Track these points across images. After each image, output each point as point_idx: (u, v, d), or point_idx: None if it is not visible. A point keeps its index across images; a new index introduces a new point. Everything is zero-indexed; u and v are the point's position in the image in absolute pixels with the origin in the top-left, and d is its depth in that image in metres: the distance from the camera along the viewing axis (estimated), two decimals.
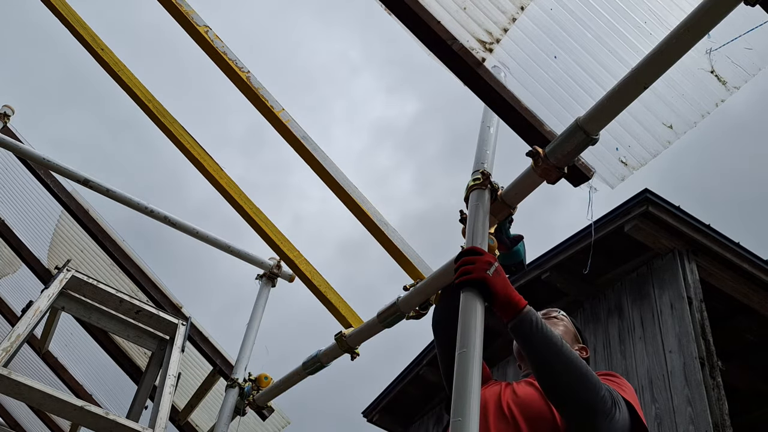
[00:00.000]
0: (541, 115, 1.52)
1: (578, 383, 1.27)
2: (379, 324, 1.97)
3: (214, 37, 2.25)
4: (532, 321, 1.29)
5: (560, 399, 1.29)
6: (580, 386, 1.27)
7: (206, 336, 3.50)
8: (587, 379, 1.27)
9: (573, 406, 1.28)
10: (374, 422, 7.35)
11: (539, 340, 1.28)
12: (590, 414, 1.26)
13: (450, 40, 1.52)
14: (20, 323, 2.43)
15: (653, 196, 4.67)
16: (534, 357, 1.29)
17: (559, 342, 1.29)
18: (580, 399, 1.26)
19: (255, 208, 2.65)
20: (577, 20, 1.50)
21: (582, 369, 1.28)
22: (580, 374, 1.27)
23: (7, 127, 3.59)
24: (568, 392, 1.27)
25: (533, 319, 1.29)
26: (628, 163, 1.51)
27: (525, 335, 1.29)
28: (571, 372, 1.27)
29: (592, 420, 1.26)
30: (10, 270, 4.69)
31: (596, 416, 1.26)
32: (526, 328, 1.28)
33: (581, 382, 1.27)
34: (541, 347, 1.28)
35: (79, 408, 2.13)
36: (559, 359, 1.27)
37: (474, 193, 1.50)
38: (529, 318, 1.29)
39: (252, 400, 2.67)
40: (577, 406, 1.27)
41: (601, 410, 1.27)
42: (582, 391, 1.27)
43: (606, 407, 1.27)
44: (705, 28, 1.18)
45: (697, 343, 4.34)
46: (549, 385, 1.29)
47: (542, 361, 1.28)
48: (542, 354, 1.28)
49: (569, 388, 1.27)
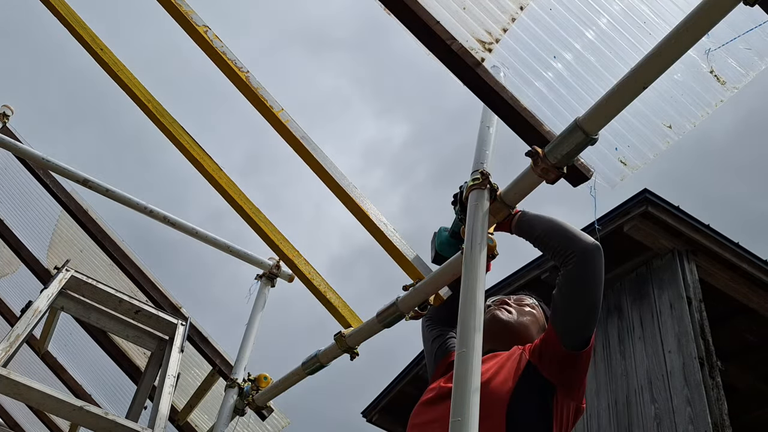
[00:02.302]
0: (540, 115, 1.52)
1: (577, 234, 1.49)
2: (378, 324, 1.97)
3: (213, 37, 2.25)
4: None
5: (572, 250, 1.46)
6: (579, 235, 1.48)
7: (205, 336, 3.50)
8: (578, 233, 1.50)
9: (578, 247, 1.45)
10: (373, 422, 7.35)
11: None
12: (596, 250, 1.45)
13: (449, 40, 1.52)
14: (19, 323, 2.43)
15: (652, 196, 4.67)
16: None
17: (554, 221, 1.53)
18: (586, 241, 1.46)
19: (254, 208, 2.65)
20: (577, 20, 1.50)
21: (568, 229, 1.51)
22: (573, 232, 1.50)
23: (7, 127, 3.59)
24: (575, 239, 1.47)
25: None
26: (627, 163, 1.51)
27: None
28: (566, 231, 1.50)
29: (600, 255, 1.45)
30: (9, 270, 4.69)
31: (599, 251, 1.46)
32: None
33: (578, 234, 1.49)
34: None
35: (78, 408, 2.13)
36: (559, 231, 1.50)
37: (473, 193, 1.50)
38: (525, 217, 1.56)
39: (251, 400, 2.67)
40: (582, 244, 1.45)
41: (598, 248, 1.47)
42: (582, 237, 1.48)
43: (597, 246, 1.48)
44: (704, 28, 1.18)
45: (697, 343, 4.34)
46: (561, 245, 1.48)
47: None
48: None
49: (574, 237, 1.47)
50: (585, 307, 1.43)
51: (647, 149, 1.50)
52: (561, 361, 1.44)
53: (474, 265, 1.35)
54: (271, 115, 2.16)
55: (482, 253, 1.38)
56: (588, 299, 1.43)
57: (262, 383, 2.69)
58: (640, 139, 1.49)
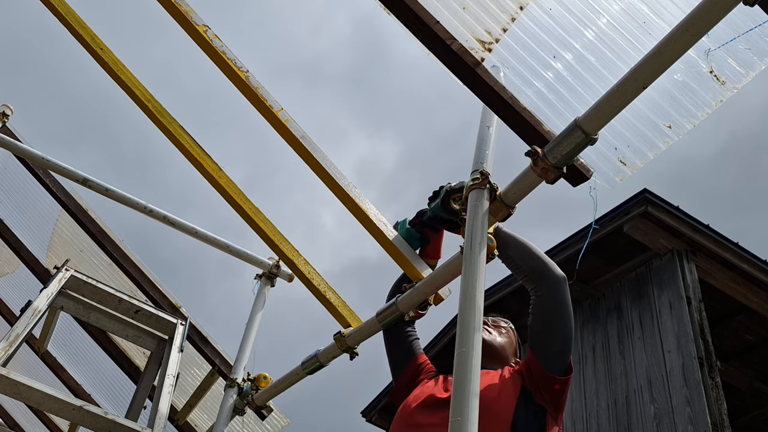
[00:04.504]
0: (539, 115, 1.52)
1: (549, 263, 1.57)
2: (378, 324, 1.96)
3: (213, 36, 2.25)
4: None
5: (542, 276, 1.54)
6: (551, 266, 1.56)
7: (205, 336, 3.50)
8: (549, 262, 1.57)
9: (550, 278, 1.54)
10: (373, 422, 7.36)
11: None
12: (564, 282, 1.53)
13: (449, 39, 1.52)
14: (19, 323, 2.43)
15: (652, 196, 4.67)
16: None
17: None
18: (556, 272, 1.54)
19: (254, 208, 2.65)
20: (577, 20, 1.50)
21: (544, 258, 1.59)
22: (546, 260, 1.58)
23: (6, 126, 3.59)
24: (546, 269, 1.55)
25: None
26: (627, 163, 1.51)
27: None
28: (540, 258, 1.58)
29: (567, 287, 1.53)
30: (8, 269, 4.69)
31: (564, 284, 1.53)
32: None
33: (550, 263, 1.57)
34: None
35: (77, 408, 2.13)
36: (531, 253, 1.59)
37: (473, 193, 1.50)
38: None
39: (251, 399, 2.67)
40: (554, 276, 1.53)
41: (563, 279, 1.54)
42: (553, 268, 1.56)
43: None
44: (704, 28, 1.18)
45: (696, 343, 4.34)
46: (531, 267, 1.56)
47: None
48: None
49: (546, 267, 1.56)
50: (563, 335, 1.51)
51: (647, 149, 1.50)
52: (548, 385, 1.51)
53: (474, 264, 1.35)
54: (271, 115, 2.16)
55: (482, 253, 1.38)
56: (564, 327, 1.51)
57: (261, 383, 2.69)
58: (640, 139, 1.49)
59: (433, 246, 1.92)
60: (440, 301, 1.87)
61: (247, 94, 2.21)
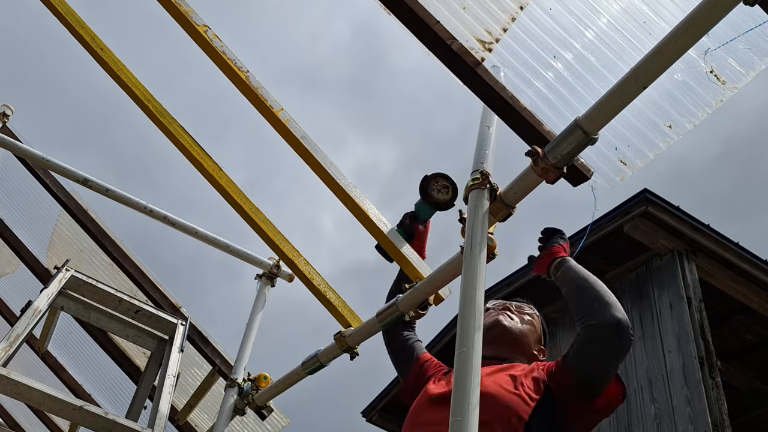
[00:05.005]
0: (540, 115, 1.52)
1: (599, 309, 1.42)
2: (378, 324, 1.96)
3: (213, 36, 2.25)
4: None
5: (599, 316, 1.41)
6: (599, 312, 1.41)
7: (205, 336, 3.50)
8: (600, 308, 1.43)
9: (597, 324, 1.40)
10: (373, 422, 7.35)
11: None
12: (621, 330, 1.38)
13: (449, 39, 1.52)
14: (19, 323, 2.43)
15: (652, 195, 4.67)
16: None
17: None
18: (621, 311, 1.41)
19: (254, 208, 2.65)
20: (577, 20, 1.50)
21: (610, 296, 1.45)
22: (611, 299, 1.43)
23: (7, 126, 3.59)
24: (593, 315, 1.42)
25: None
26: (627, 163, 1.51)
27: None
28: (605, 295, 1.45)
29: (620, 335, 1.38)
30: (8, 269, 4.69)
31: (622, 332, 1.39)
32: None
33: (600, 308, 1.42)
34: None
35: (78, 408, 2.13)
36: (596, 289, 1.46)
37: (473, 193, 1.50)
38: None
39: (251, 399, 2.67)
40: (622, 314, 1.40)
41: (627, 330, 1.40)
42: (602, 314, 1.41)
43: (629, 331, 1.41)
44: (704, 28, 1.18)
45: (696, 343, 4.34)
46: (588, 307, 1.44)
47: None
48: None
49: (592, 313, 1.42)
50: (604, 366, 1.42)
51: (647, 149, 1.50)
52: (571, 395, 1.43)
53: (474, 264, 1.35)
54: (271, 115, 2.16)
55: (482, 253, 1.38)
56: (610, 361, 1.42)
57: (261, 383, 2.69)
58: (640, 139, 1.49)
59: (417, 242, 1.99)
60: (440, 301, 1.87)
61: (247, 94, 2.20)
